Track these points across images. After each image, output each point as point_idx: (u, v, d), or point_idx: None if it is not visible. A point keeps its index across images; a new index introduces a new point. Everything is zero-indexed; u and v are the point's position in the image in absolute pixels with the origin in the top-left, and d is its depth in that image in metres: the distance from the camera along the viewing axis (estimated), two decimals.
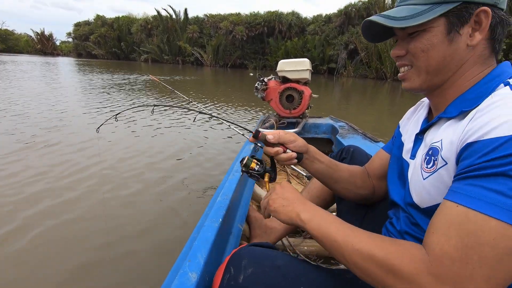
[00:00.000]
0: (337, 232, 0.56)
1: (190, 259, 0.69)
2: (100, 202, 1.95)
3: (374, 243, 0.51)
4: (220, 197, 1.01)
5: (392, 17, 0.57)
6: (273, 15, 27.69)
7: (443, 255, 0.43)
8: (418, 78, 0.60)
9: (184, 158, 2.84)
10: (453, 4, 0.52)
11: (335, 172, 0.85)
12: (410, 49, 0.59)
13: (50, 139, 3.20)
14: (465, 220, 0.42)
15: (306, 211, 0.63)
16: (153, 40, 32.43)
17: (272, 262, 0.64)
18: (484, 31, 0.53)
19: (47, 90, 6.98)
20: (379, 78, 20.36)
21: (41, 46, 47.51)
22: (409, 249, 0.48)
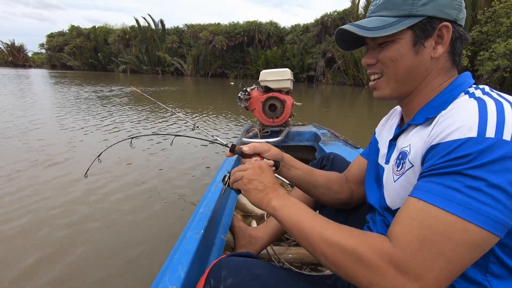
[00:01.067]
0: (307, 221, 0.58)
1: (171, 272, 0.69)
2: (81, 219, 1.88)
3: (342, 234, 0.53)
4: (203, 208, 1.00)
5: (364, 27, 0.61)
6: (252, 25, 28.14)
7: (406, 246, 0.46)
8: (388, 86, 0.64)
9: (165, 170, 2.80)
10: (419, 18, 0.57)
11: (311, 178, 0.87)
12: (380, 58, 0.63)
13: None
14: (425, 214, 0.46)
15: (278, 198, 0.64)
16: (132, 50, 31.94)
17: (251, 272, 0.65)
18: (446, 45, 0.58)
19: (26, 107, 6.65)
20: (357, 84, 21.05)
21: (12, 58, 45.52)
22: (376, 239, 0.50)
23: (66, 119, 5.10)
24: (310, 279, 0.72)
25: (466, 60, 14.69)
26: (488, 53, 14.05)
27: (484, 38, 14.73)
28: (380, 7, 0.62)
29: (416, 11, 0.57)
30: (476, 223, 0.43)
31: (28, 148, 3.35)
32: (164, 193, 2.29)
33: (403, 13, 0.59)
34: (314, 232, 0.55)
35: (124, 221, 1.88)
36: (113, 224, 1.84)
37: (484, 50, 14.43)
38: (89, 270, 1.42)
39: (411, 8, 0.58)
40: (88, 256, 1.52)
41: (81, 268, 1.44)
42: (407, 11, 0.58)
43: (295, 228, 0.59)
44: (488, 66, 13.87)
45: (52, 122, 4.87)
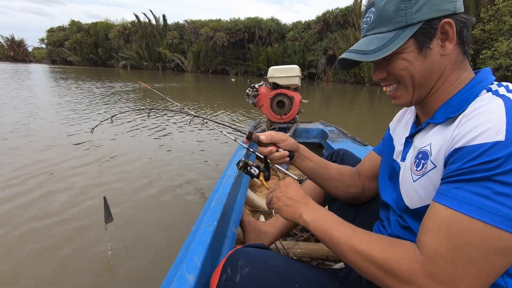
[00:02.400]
0: (338, 233, 0.59)
1: (188, 262, 0.70)
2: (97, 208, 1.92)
3: (373, 245, 0.54)
4: (215, 202, 1.01)
5: (364, 52, 0.60)
6: (253, 22, 27.99)
7: (436, 255, 0.46)
8: (407, 93, 0.63)
9: (175, 164, 2.84)
10: (417, 26, 0.56)
11: (324, 170, 0.88)
12: (390, 71, 0.62)
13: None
14: (454, 222, 0.45)
15: (308, 212, 0.66)
16: (132, 46, 31.80)
17: (266, 262, 0.66)
18: (453, 40, 0.56)
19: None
20: (358, 82, 21.00)
21: (13, 52, 45.32)
22: (406, 250, 0.50)
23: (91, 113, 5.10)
24: (323, 271, 0.73)
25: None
26: (491, 52, 14.01)
27: (487, 36, 14.67)
28: (373, 25, 0.61)
29: (412, 20, 0.56)
30: (508, 230, 0.42)
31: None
32: (174, 186, 2.33)
33: (399, 25, 0.57)
34: (346, 245, 0.57)
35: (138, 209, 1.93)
36: (128, 215, 1.88)
37: (487, 49, 14.39)
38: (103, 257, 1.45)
39: (406, 18, 0.56)
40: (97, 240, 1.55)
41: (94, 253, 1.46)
42: (403, 22, 0.57)
43: (328, 240, 0.60)
44: (490, 65, 13.84)
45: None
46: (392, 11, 0.57)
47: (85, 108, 5.79)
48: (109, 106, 6.21)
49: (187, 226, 1.77)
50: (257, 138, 0.79)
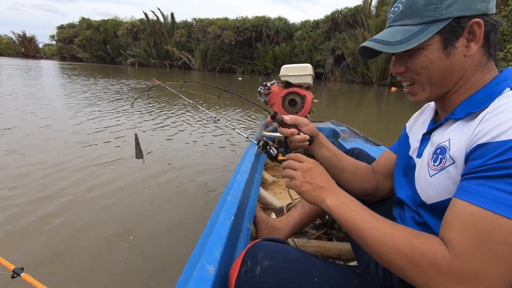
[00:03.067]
0: (362, 223, 0.58)
1: (207, 254, 0.71)
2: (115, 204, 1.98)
3: (398, 236, 0.53)
4: (230, 197, 1.02)
5: (387, 42, 0.59)
6: (260, 20, 27.95)
7: (462, 251, 0.45)
8: (424, 91, 0.62)
9: (189, 159, 2.93)
10: (445, 22, 0.54)
11: (340, 161, 0.88)
12: (409, 66, 0.61)
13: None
14: (479, 219, 0.45)
15: (332, 198, 0.64)
16: (140, 43, 32.03)
17: (286, 256, 0.67)
18: (479, 41, 0.55)
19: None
20: (365, 83, 20.83)
21: (24, 48, 46.07)
22: (432, 243, 0.50)
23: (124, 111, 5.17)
24: (340, 268, 0.73)
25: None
26: (503, 53, 13.76)
27: (499, 37, 14.39)
28: (400, 15, 0.60)
29: (441, 15, 0.54)
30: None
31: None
32: (187, 181, 2.38)
33: (427, 20, 0.56)
34: (371, 235, 0.56)
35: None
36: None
37: (499, 50, 14.15)
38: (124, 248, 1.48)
39: (435, 13, 0.55)
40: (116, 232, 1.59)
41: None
42: (431, 16, 0.55)
43: (351, 228, 0.59)
44: (502, 67, 13.60)
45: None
46: (423, 3, 0.56)
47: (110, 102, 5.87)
48: (129, 102, 6.28)
49: (196, 217, 1.83)
50: (281, 119, 0.80)
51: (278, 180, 2.04)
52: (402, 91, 8.82)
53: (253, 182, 1.40)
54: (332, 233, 1.39)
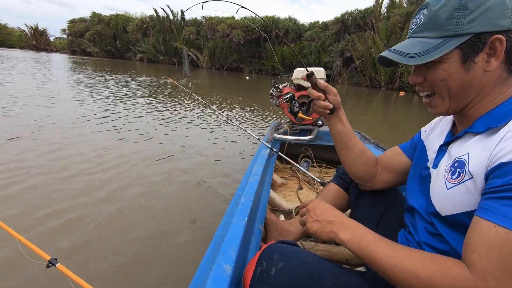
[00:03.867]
0: (378, 252, 0.59)
1: (223, 253, 0.73)
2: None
3: (415, 262, 0.54)
4: (243, 198, 1.05)
5: (406, 54, 0.60)
6: (270, 20, 27.89)
7: (487, 274, 0.46)
8: (443, 103, 0.63)
9: (200, 159, 2.97)
10: (466, 37, 0.55)
11: (350, 140, 0.91)
12: (427, 77, 0.62)
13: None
14: (506, 241, 0.45)
15: (344, 231, 0.66)
16: (149, 40, 32.22)
17: (300, 258, 0.69)
18: (500, 57, 0.55)
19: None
20: (373, 86, 20.68)
21: (35, 41, 46.70)
22: (452, 268, 0.50)
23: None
24: (352, 272, 0.75)
25: None
26: None
27: None
28: (422, 28, 0.60)
29: (462, 30, 0.55)
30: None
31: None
32: (198, 181, 2.42)
33: (448, 34, 0.56)
34: (387, 263, 0.57)
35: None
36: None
37: None
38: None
39: (456, 27, 0.55)
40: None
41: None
42: (452, 31, 0.56)
43: (367, 258, 0.61)
44: None
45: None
46: (445, 17, 0.56)
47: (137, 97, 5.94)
48: (150, 99, 6.35)
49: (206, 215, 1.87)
50: (315, 80, 0.83)
51: (287, 182, 2.06)
52: (410, 95, 8.76)
53: (264, 184, 1.42)
54: None
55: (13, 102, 4.76)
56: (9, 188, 1.99)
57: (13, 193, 1.93)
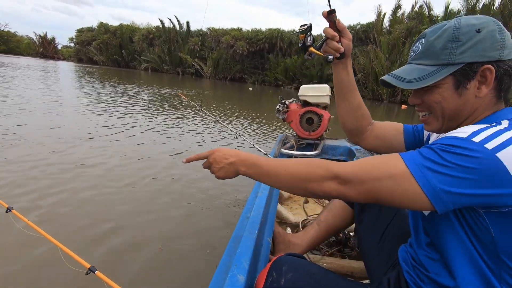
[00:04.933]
0: (269, 168, 0.72)
1: (237, 264, 0.78)
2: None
3: (295, 166, 0.68)
4: (254, 212, 1.10)
5: (402, 79, 0.67)
6: (274, 32, 28.36)
7: (351, 165, 0.63)
8: (437, 122, 0.70)
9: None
10: (458, 66, 0.61)
11: (350, 91, 0.95)
12: (424, 100, 0.69)
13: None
14: (391, 159, 0.60)
15: (241, 167, 0.76)
16: (155, 49, 32.77)
17: (308, 270, 0.74)
18: (490, 85, 0.62)
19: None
20: (375, 99, 20.82)
21: (43, 49, 47.56)
22: (326, 162, 0.66)
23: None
24: (355, 284, 0.80)
25: None
26: None
27: None
28: (420, 55, 0.67)
29: (454, 60, 0.61)
30: (412, 172, 0.56)
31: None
32: (200, 194, 2.51)
33: (442, 62, 0.63)
34: (274, 171, 0.70)
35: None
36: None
37: None
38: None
39: (449, 57, 0.62)
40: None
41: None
42: (445, 60, 0.62)
43: (263, 178, 0.72)
44: None
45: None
46: (439, 48, 0.63)
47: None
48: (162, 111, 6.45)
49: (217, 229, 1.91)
50: (335, 19, 0.81)
51: (293, 196, 2.10)
52: (412, 109, 8.81)
53: (272, 198, 1.47)
54: (345, 251, 1.44)
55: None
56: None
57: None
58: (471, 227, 0.58)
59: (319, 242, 1.31)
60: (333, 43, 0.84)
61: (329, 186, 0.63)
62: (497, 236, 0.55)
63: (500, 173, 0.51)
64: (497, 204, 0.53)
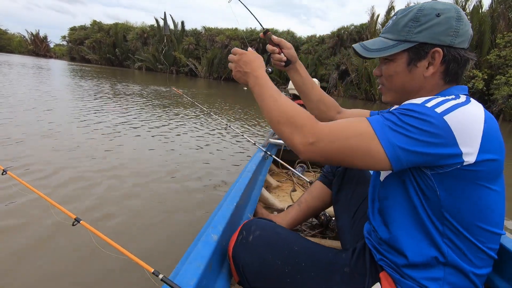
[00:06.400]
0: (267, 95, 0.75)
1: (213, 227, 0.87)
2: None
3: (286, 104, 0.72)
4: (234, 190, 1.17)
5: (367, 48, 0.74)
6: None
7: (324, 124, 0.66)
8: (388, 94, 0.78)
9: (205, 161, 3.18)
10: (413, 44, 0.68)
11: (308, 90, 1.05)
12: (383, 71, 0.76)
13: None
14: (360, 121, 0.64)
15: (252, 80, 0.80)
16: (149, 49, 32.63)
17: (274, 229, 0.84)
18: (436, 67, 0.68)
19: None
20: (368, 99, 21.06)
21: (34, 47, 46.97)
22: (306, 115, 0.68)
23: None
24: (320, 247, 0.85)
25: (481, 83, 14.58)
26: (505, 78, 13.94)
27: (502, 62, 14.63)
28: (387, 30, 0.74)
29: (411, 38, 0.68)
30: (375, 131, 0.61)
31: None
32: (200, 178, 2.65)
33: (401, 38, 0.69)
34: (269, 98, 0.74)
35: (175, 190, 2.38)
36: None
37: (501, 75, 14.34)
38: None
39: (407, 34, 0.68)
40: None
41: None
42: (404, 36, 0.69)
43: (258, 98, 0.77)
44: (503, 91, 13.75)
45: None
46: (402, 25, 0.70)
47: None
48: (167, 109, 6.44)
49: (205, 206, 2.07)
50: (270, 36, 0.94)
51: (282, 185, 2.16)
52: None
53: (256, 182, 1.52)
54: (326, 233, 1.49)
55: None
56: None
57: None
58: (421, 188, 0.64)
59: (299, 222, 1.36)
60: (275, 56, 0.96)
61: (298, 139, 0.65)
62: (442, 195, 0.62)
63: (446, 135, 0.57)
64: (443, 163, 0.59)
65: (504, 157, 0.62)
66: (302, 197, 1.36)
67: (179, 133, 4.42)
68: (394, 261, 0.70)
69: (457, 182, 0.60)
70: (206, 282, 0.72)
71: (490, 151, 0.59)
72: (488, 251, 0.65)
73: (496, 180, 0.62)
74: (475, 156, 0.58)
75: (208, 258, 0.74)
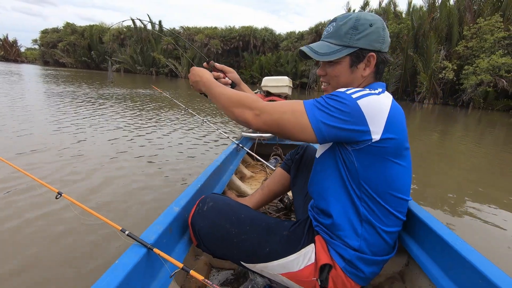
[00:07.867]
0: (218, 92, 0.90)
1: (176, 201, 1.00)
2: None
3: (232, 93, 0.86)
4: (201, 174, 1.27)
5: (316, 52, 0.86)
6: (247, 30, 28.58)
7: (266, 104, 0.80)
8: (332, 91, 0.89)
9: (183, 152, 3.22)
10: (354, 49, 0.82)
11: None
12: (328, 72, 0.89)
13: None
14: (296, 102, 0.79)
15: (202, 85, 0.97)
16: (126, 50, 31.92)
17: (225, 202, 0.97)
18: (371, 67, 0.83)
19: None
20: None
21: (4, 52, 44.84)
22: (251, 99, 0.82)
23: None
24: (268, 217, 0.98)
25: (451, 74, 15.31)
26: (473, 68, 14.68)
27: (469, 53, 15.38)
28: (330, 35, 0.86)
29: (353, 44, 0.81)
30: (306, 110, 0.75)
31: None
32: (171, 172, 2.68)
33: (344, 44, 0.82)
34: (218, 92, 0.90)
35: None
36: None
37: (469, 65, 15.10)
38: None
39: (349, 41, 0.81)
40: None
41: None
42: (347, 42, 0.82)
43: (212, 97, 0.92)
44: (472, 80, 14.48)
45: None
46: (344, 32, 0.82)
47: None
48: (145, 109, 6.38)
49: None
50: (213, 65, 1.09)
51: (255, 175, 2.29)
52: None
53: (226, 169, 1.63)
54: (290, 214, 1.62)
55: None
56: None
57: None
58: (344, 161, 0.80)
59: (263, 204, 1.48)
60: (221, 80, 1.09)
61: (248, 114, 0.80)
62: (359, 167, 0.77)
63: (357, 115, 0.72)
64: (358, 139, 0.74)
65: (404, 138, 0.78)
66: (265, 182, 1.48)
67: (156, 129, 4.51)
68: (325, 224, 0.85)
69: (370, 157, 0.75)
70: (166, 241, 0.85)
71: (392, 132, 0.74)
72: (396, 213, 0.81)
73: (402, 156, 0.78)
74: (380, 135, 0.73)
75: (168, 223, 0.87)
